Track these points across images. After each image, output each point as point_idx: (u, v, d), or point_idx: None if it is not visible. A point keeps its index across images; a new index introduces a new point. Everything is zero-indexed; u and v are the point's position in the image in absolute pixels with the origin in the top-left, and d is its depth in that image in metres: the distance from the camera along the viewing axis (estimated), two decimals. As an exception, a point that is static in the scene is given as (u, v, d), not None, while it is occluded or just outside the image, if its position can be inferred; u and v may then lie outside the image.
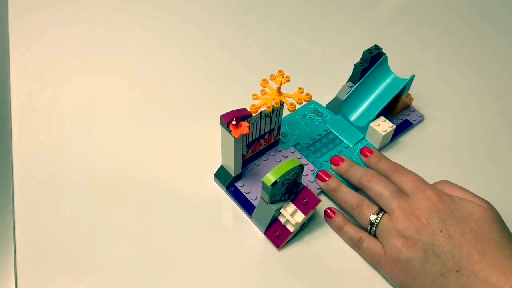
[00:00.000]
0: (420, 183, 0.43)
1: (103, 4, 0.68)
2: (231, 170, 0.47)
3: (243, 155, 0.48)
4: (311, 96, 0.45)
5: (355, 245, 0.44)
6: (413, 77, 0.51)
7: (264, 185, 0.41)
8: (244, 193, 0.47)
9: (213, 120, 0.48)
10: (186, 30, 0.66)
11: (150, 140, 0.52)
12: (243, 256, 0.44)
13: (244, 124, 0.42)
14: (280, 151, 0.51)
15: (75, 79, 0.58)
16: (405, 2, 0.72)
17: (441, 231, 0.38)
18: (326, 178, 0.47)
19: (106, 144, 0.51)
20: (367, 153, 0.49)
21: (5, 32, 0.63)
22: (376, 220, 0.42)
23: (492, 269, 0.36)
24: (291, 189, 0.43)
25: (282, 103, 0.45)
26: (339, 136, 0.52)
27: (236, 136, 0.41)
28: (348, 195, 0.45)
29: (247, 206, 0.46)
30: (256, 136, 0.47)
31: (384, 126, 0.50)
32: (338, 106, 0.53)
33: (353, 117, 0.53)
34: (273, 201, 0.43)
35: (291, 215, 0.43)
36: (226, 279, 0.42)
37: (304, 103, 0.44)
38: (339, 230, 0.45)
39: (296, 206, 0.43)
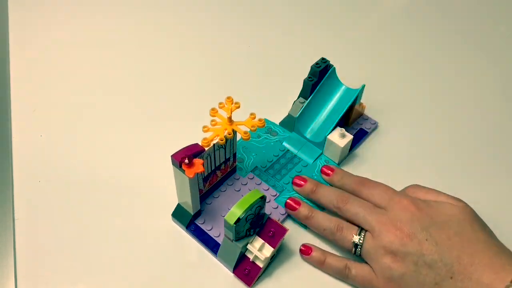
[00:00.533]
0: (392, 194, 0.42)
1: (103, 4, 0.67)
2: (190, 208, 0.44)
3: (200, 190, 0.45)
4: (264, 122, 0.43)
5: (343, 275, 0.41)
6: (363, 86, 0.50)
7: (227, 224, 0.38)
8: (206, 231, 0.44)
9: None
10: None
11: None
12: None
13: (198, 161, 0.39)
14: (238, 178, 0.48)
15: (75, 79, 0.58)
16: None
17: (427, 240, 0.37)
18: (297, 207, 0.44)
19: (106, 144, 0.51)
20: (329, 172, 0.47)
21: (5, 32, 0.63)
22: (360, 241, 0.40)
23: (484, 270, 0.35)
24: (255, 222, 0.40)
25: (235, 132, 0.43)
26: (297, 155, 0.51)
27: (191, 176, 0.38)
28: (326, 221, 0.43)
29: (211, 245, 0.43)
30: (212, 169, 0.44)
31: (341, 138, 0.48)
32: (292, 123, 0.52)
33: (309, 133, 0.51)
34: (238, 238, 0.40)
35: (259, 250, 0.41)
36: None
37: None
38: (321, 265, 0.42)
39: (263, 240, 0.41)
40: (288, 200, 0.45)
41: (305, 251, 0.43)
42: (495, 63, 0.62)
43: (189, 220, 0.44)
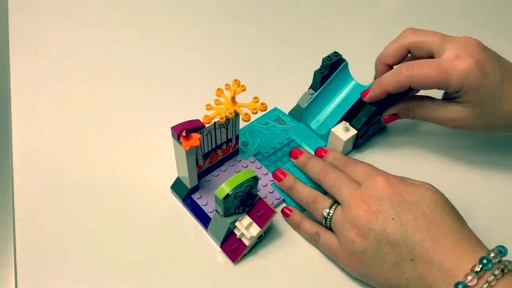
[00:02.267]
0: (369, 171, 0.42)
1: (103, 4, 0.68)
2: (187, 182, 0.45)
3: (199, 166, 0.46)
4: (266, 106, 0.44)
5: (313, 240, 0.43)
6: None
7: (216, 198, 0.40)
8: (201, 206, 0.46)
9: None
10: (184, 32, 0.64)
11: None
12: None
13: (195, 136, 0.41)
14: (240, 161, 0.50)
15: (75, 79, 0.58)
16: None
17: (392, 218, 0.38)
18: (282, 177, 0.47)
19: (106, 144, 0.51)
20: (322, 153, 0.48)
21: (5, 32, 0.63)
22: (329, 214, 0.42)
23: (446, 256, 0.35)
24: (245, 201, 0.42)
25: (237, 113, 0.44)
26: (301, 144, 0.51)
27: (187, 149, 0.40)
28: (303, 192, 0.45)
29: (204, 219, 0.45)
30: (212, 147, 0.46)
31: (345, 132, 0.49)
32: (300, 113, 0.52)
33: (315, 124, 0.52)
34: (227, 214, 0.42)
35: (246, 228, 0.42)
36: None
37: (261, 112, 0.44)
38: (297, 227, 0.45)
39: (252, 219, 0.42)
40: (276, 171, 0.47)
41: (287, 212, 0.46)
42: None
43: (186, 193, 0.46)
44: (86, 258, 0.42)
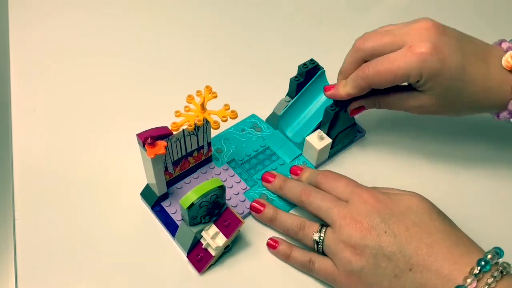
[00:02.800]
0: (354, 187, 0.42)
1: (104, 4, 0.67)
2: (156, 189, 0.45)
3: (169, 174, 0.46)
4: (236, 114, 0.43)
5: (307, 268, 0.42)
6: None
7: (181, 207, 0.39)
8: (170, 213, 0.45)
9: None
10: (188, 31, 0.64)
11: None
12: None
13: (161, 143, 0.40)
14: (213, 168, 0.49)
15: (75, 79, 0.58)
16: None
17: (385, 232, 0.38)
18: (261, 209, 0.45)
19: (107, 144, 0.51)
20: (297, 172, 0.47)
21: (5, 32, 0.62)
22: (320, 238, 0.41)
23: (443, 261, 0.35)
24: (212, 210, 0.41)
25: (207, 120, 0.43)
26: (276, 153, 0.51)
27: (151, 156, 0.39)
28: (288, 221, 0.43)
29: (172, 227, 0.44)
30: (182, 154, 0.45)
31: (319, 140, 0.48)
32: (276, 121, 0.52)
33: (290, 132, 0.51)
34: (193, 223, 0.41)
35: (212, 238, 0.41)
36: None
37: (233, 120, 0.43)
38: (286, 258, 0.43)
39: (219, 228, 0.42)
40: (252, 203, 0.45)
41: (272, 244, 0.44)
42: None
43: (155, 201, 0.45)
44: (86, 258, 0.42)
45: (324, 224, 0.42)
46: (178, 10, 0.68)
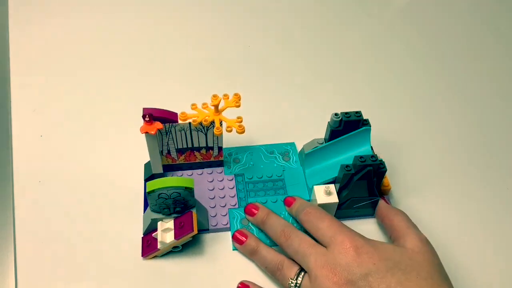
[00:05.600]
0: (336, 231, 0.39)
1: (103, 4, 0.68)
2: (152, 166, 0.46)
3: (172, 158, 0.47)
4: (243, 129, 0.42)
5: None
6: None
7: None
8: (155, 193, 0.47)
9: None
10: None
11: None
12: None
13: (156, 124, 0.42)
14: (220, 173, 0.49)
15: (75, 79, 0.58)
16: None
17: None
18: (243, 239, 0.43)
19: (106, 144, 0.51)
20: (291, 202, 0.45)
21: (5, 32, 0.62)
22: (297, 286, 0.38)
23: None
24: (172, 206, 0.41)
25: (216, 125, 0.43)
26: (286, 188, 0.48)
27: (141, 132, 0.41)
28: (268, 257, 0.41)
29: (146, 205, 0.46)
30: (188, 146, 0.46)
31: (326, 195, 0.44)
32: (303, 158, 0.49)
33: (309, 174, 0.48)
34: (154, 209, 0.42)
35: (163, 231, 0.41)
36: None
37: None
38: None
39: (174, 227, 0.41)
40: (235, 233, 0.44)
41: (239, 238, 0.43)
42: None
43: (148, 176, 0.47)
44: (86, 258, 0.42)
45: (302, 269, 0.39)
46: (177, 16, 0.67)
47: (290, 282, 0.39)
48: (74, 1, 0.68)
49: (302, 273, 0.39)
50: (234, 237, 0.44)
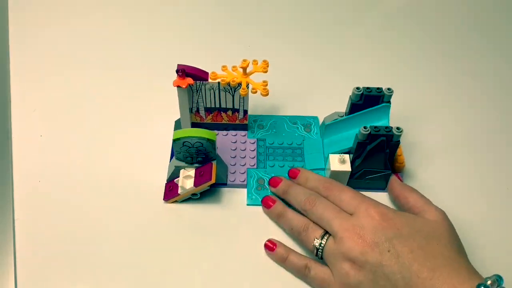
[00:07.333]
0: (360, 200, 0.41)
1: (103, 4, 0.69)
2: (181, 122, 0.50)
3: (201, 117, 0.51)
4: (267, 92, 0.45)
5: (302, 274, 0.41)
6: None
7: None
8: (181, 147, 0.50)
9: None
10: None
11: (148, 140, 0.52)
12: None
13: (187, 80, 0.45)
14: (244, 135, 0.52)
15: (75, 79, 0.58)
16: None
17: (389, 251, 0.37)
18: (271, 204, 0.45)
19: (106, 144, 0.51)
20: (296, 172, 0.47)
21: (5, 32, 0.63)
22: (321, 245, 0.40)
23: (442, 285, 0.35)
24: (195, 156, 0.45)
25: (242, 86, 0.46)
26: (304, 156, 0.51)
27: (174, 85, 0.45)
28: (294, 220, 0.43)
29: (172, 155, 0.50)
30: (215, 106, 0.49)
31: (340, 163, 0.46)
32: (323, 129, 0.51)
33: (327, 143, 0.50)
34: (178, 157, 0.45)
35: (184, 178, 0.45)
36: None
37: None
38: (283, 261, 0.42)
39: (195, 175, 0.45)
40: (264, 198, 0.46)
41: (270, 246, 0.43)
42: None
43: (178, 130, 0.51)
44: (86, 258, 0.42)
45: (327, 232, 0.41)
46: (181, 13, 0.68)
47: (315, 241, 0.40)
48: (74, 2, 0.69)
49: (327, 235, 0.40)
50: (263, 201, 0.46)
